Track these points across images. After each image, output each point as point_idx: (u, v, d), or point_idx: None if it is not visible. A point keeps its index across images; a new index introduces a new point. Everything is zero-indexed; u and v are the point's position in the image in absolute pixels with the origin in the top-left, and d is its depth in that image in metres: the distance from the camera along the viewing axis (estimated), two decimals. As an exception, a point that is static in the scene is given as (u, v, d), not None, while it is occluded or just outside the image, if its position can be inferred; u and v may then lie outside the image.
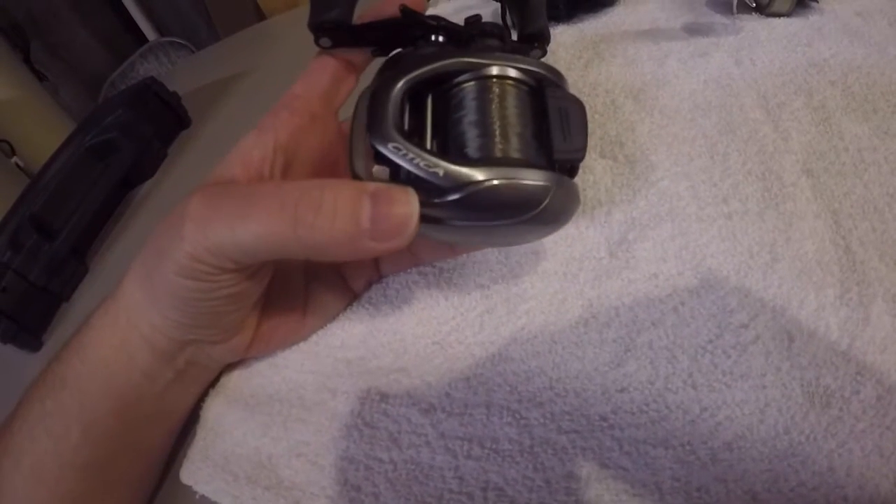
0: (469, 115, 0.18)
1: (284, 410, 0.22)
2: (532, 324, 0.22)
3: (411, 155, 0.16)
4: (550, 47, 0.35)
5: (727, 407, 0.18)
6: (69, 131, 0.43)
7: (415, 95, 0.18)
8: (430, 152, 0.16)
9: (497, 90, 0.18)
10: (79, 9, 0.95)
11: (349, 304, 0.25)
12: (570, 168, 0.19)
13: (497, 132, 0.17)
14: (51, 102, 0.74)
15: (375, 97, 0.17)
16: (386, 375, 0.22)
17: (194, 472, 0.21)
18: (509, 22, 0.24)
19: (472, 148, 0.17)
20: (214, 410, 0.23)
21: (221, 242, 0.17)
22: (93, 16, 0.97)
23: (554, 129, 0.18)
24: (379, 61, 0.22)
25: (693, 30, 0.35)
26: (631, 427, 0.19)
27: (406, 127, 0.18)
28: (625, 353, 0.20)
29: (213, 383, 0.24)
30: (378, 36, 0.21)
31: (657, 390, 0.19)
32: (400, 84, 0.17)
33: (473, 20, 0.20)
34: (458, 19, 0.21)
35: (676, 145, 0.27)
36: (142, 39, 1.01)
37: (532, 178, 0.16)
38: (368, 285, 0.25)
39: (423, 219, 0.17)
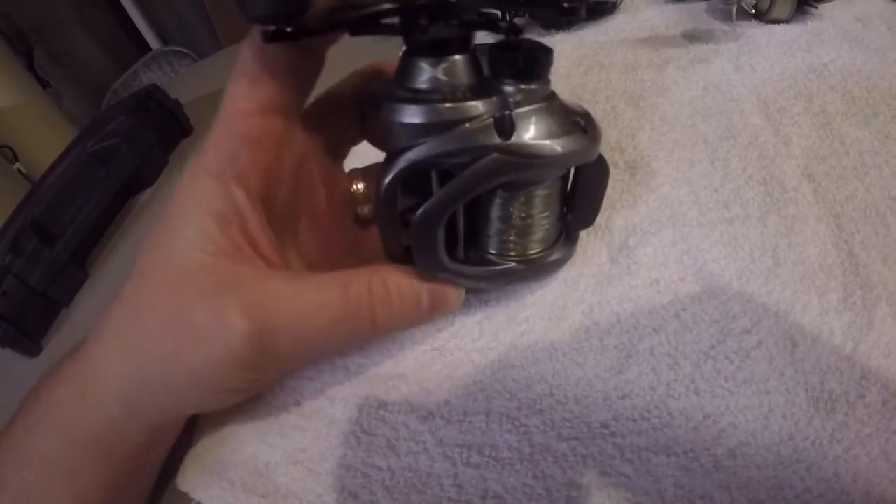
0: (499, 221, 0.19)
1: (282, 417, 0.22)
2: (532, 330, 0.22)
3: (459, 280, 0.19)
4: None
5: (730, 413, 0.18)
6: (72, 138, 0.43)
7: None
8: (472, 272, 0.19)
9: (525, 198, 0.18)
10: (82, 17, 0.96)
11: None
12: None
13: (524, 234, 0.19)
14: (54, 109, 0.74)
15: (417, 223, 0.17)
16: (384, 382, 0.22)
17: (191, 479, 0.21)
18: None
19: (501, 250, 0.20)
20: (211, 417, 0.23)
21: (289, 359, 0.18)
22: (96, 24, 0.98)
23: (576, 206, 0.20)
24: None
25: (692, 37, 0.35)
26: (633, 434, 0.18)
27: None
28: (626, 360, 0.20)
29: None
30: (349, 23, 0.16)
31: (659, 397, 0.19)
32: (442, 214, 0.17)
33: (503, 57, 0.16)
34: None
35: (677, 151, 0.27)
36: (145, 48, 1.02)
37: (548, 264, 0.20)
38: None
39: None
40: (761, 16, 0.35)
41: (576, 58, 0.34)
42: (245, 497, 0.20)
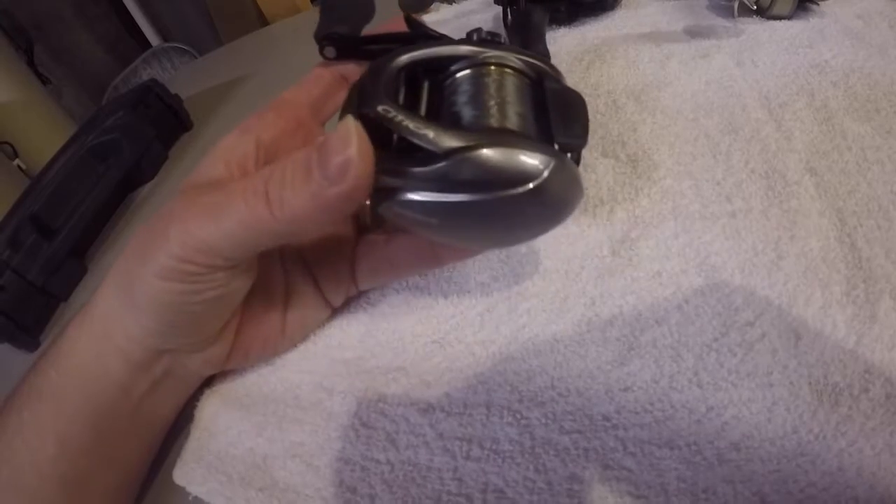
0: (465, 97, 0.17)
1: (280, 410, 0.22)
2: (533, 322, 0.22)
3: (400, 117, 0.15)
4: (552, 49, 0.35)
5: (734, 406, 0.18)
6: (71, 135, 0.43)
7: (410, 83, 0.18)
8: (421, 117, 0.16)
9: (495, 76, 0.18)
10: (83, 13, 0.96)
11: (328, 319, 0.24)
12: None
13: (494, 107, 0.17)
14: (54, 106, 0.74)
15: (369, 72, 0.17)
16: (384, 375, 0.22)
17: (188, 472, 0.21)
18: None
19: (467, 120, 0.17)
20: (209, 410, 0.22)
21: (209, 238, 0.17)
22: (97, 20, 0.98)
23: (554, 117, 0.17)
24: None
25: (694, 32, 0.35)
26: (635, 427, 0.18)
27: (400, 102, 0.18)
28: (628, 352, 0.20)
29: (209, 382, 0.23)
30: (382, 49, 0.21)
31: (662, 389, 0.19)
32: (395, 61, 0.17)
33: (474, 31, 0.19)
34: (459, 24, 0.21)
35: (679, 144, 0.27)
36: (145, 44, 1.02)
37: (529, 149, 0.15)
38: (347, 300, 0.24)
39: (409, 190, 0.16)
40: (763, 12, 0.35)
41: (577, 53, 0.34)
42: (242, 491, 0.20)
